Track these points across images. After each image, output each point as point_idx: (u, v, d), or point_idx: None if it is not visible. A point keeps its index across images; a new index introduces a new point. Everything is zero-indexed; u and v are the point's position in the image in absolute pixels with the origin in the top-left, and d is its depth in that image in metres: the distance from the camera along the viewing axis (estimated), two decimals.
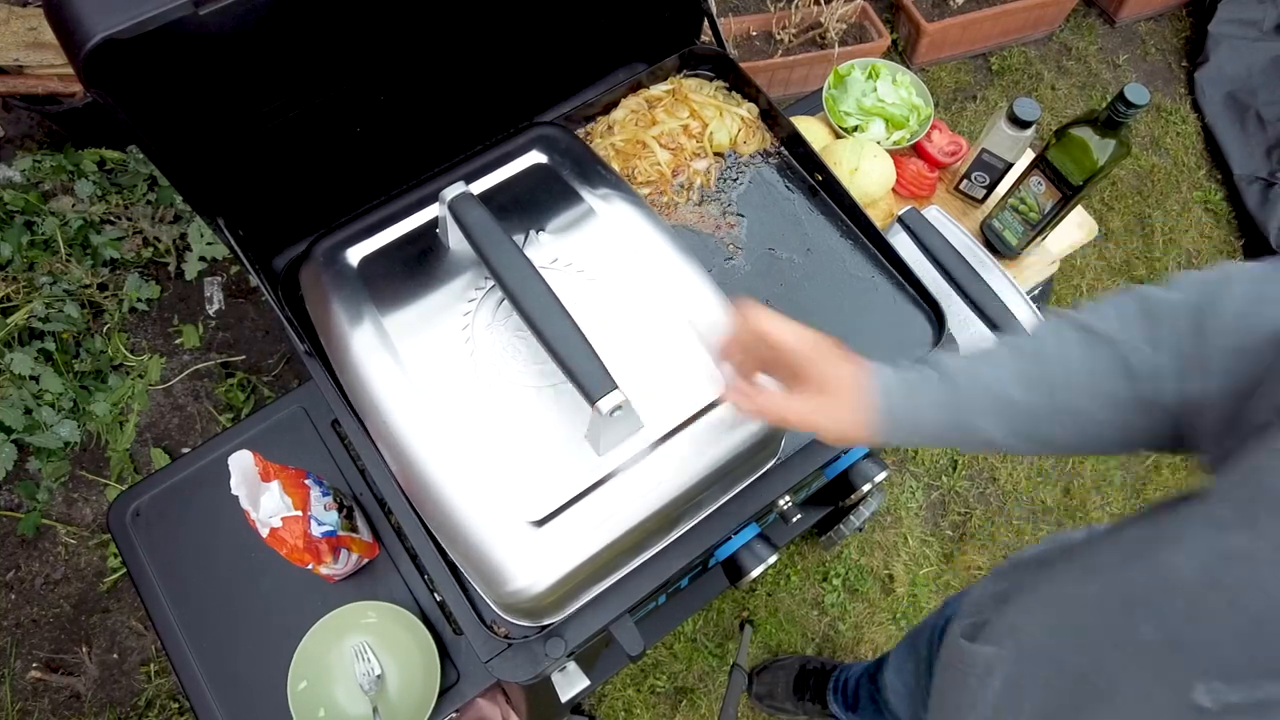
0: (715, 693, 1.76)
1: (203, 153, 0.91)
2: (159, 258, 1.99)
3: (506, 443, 0.89)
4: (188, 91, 0.84)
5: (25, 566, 1.74)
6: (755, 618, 1.83)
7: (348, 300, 0.97)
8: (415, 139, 1.11)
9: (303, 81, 0.93)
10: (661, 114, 1.26)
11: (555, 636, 0.95)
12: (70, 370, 1.85)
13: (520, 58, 1.11)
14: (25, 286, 1.87)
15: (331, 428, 1.19)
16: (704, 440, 0.91)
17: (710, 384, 0.93)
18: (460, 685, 1.08)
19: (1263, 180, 2.34)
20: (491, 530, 0.85)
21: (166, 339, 1.94)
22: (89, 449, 1.83)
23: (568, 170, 1.07)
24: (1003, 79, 2.51)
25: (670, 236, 1.03)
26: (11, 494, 1.79)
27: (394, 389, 0.91)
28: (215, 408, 1.89)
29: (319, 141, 1.01)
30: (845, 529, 1.77)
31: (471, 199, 0.92)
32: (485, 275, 0.97)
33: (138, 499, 1.15)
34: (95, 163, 2.01)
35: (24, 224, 1.93)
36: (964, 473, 2.00)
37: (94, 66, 0.72)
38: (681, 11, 1.27)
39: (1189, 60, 2.61)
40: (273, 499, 0.96)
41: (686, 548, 1.00)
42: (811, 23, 2.21)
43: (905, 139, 1.45)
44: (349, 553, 1.06)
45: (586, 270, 0.99)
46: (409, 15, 0.94)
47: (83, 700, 1.65)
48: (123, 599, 1.73)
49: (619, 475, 0.88)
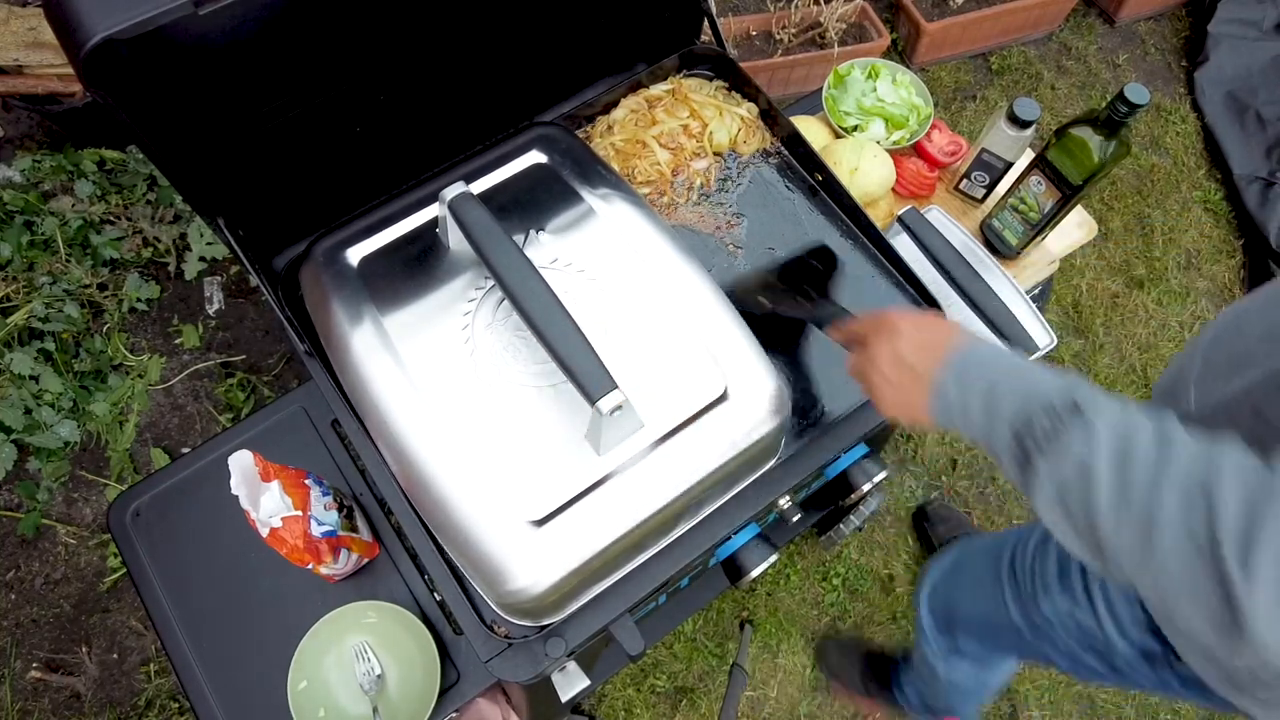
0: (715, 693, 1.76)
1: (203, 153, 0.91)
2: (159, 258, 1.99)
3: (506, 443, 0.89)
4: (188, 91, 0.84)
5: (25, 566, 1.74)
6: (755, 618, 1.83)
7: (348, 300, 0.97)
8: (415, 139, 1.11)
9: (302, 81, 0.93)
10: (661, 114, 1.26)
11: (555, 636, 0.95)
12: (70, 370, 1.85)
13: (520, 58, 1.11)
14: (25, 286, 1.87)
15: (331, 428, 1.19)
16: (704, 440, 0.91)
17: (710, 384, 0.93)
18: (460, 685, 1.08)
19: (1262, 180, 2.34)
20: (491, 530, 0.85)
21: (166, 339, 1.94)
22: (89, 449, 1.83)
23: (568, 170, 1.07)
24: (1003, 79, 2.51)
25: (670, 236, 1.03)
26: (11, 494, 1.79)
27: (394, 389, 0.91)
28: (215, 408, 1.89)
29: (319, 141, 1.01)
30: (845, 529, 1.77)
31: (471, 199, 0.92)
32: (485, 275, 0.97)
33: (138, 499, 1.15)
34: (95, 163, 2.00)
35: (24, 224, 1.93)
36: (964, 472, 2.00)
37: (94, 66, 0.72)
38: (681, 11, 1.27)
39: (1189, 60, 2.61)
40: (273, 499, 0.96)
41: (686, 548, 1.00)
42: (811, 23, 2.21)
43: (905, 139, 1.45)
44: (349, 553, 1.06)
45: (586, 270, 0.99)
46: (409, 15, 0.94)
47: (83, 700, 1.65)
48: (123, 599, 1.73)
49: (619, 475, 0.88)
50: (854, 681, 1.70)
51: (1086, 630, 0.96)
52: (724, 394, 0.93)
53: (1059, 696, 1.79)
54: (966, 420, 0.70)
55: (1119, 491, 0.55)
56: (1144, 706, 1.80)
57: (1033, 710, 1.78)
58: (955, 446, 2.02)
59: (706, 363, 0.94)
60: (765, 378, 0.95)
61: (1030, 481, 0.63)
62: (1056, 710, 1.79)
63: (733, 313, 0.99)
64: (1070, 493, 0.59)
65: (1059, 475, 0.60)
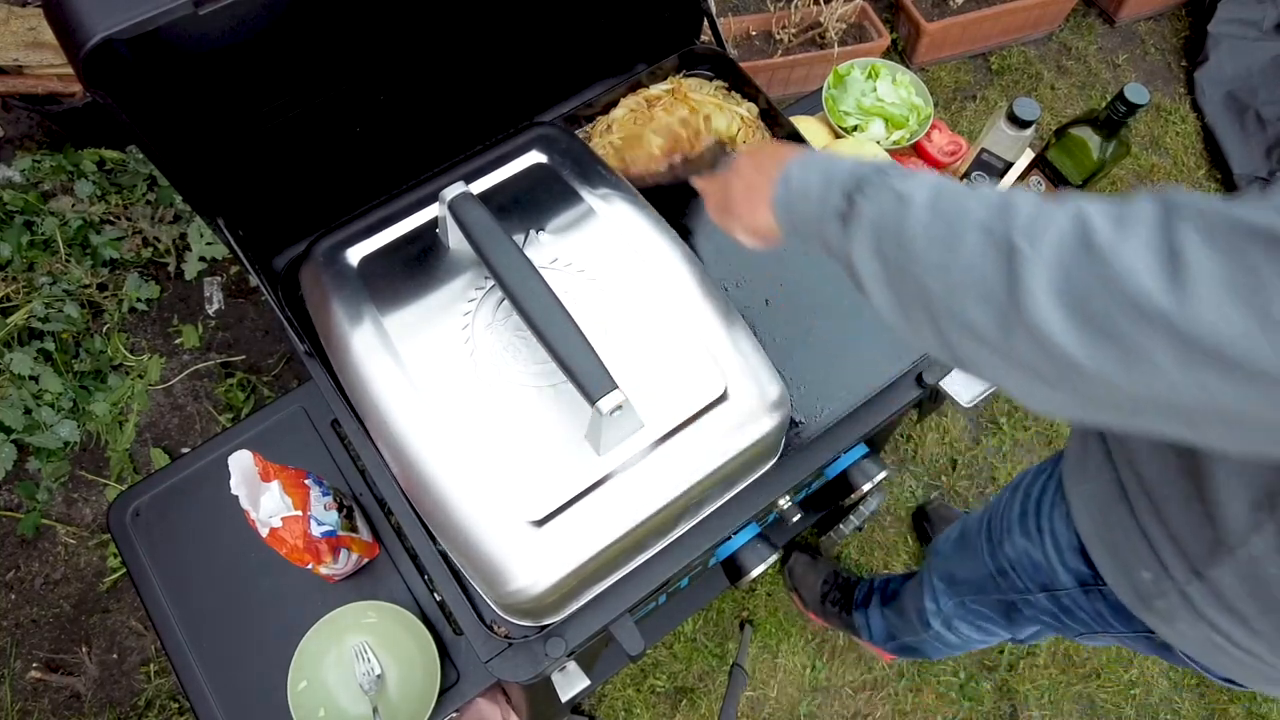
0: (715, 693, 1.76)
1: (203, 153, 0.91)
2: (159, 258, 1.99)
3: (506, 443, 0.89)
4: (188, 91, 0.84)
5: (25, 566, 1.74)
6: (755, 618, 1.83)
7: (348, 300, 0.97)
8: (415, 139, 1.11)
9: (302, 81, 0.93)
10: (660, 112, 1.26)
11: (555, 636, 0.95)
12: (70, 370, 1.85)
13: (520, 58, 1.11)
14: (25, 286, 1.87)
15: (331, 428, 1.19)
16: (704, 440, 0.91)
17: (710, 384, 0.93)
18: (460, 685, 1.08)
19: (1262, 180, 2.34)
20: (491, 530, 0.85)
21: (166, 339, 1.94)
22: (89, 449, 1.83)
23: (568, 170, 1.07)
24: (1002, 79, 2.51)
25: (670, 236, 1.03)
26: (11, 494, 1.79)
27: (394, 389, 0.91)
28: (215, 408, 1.89)
29: (319, 141, 1.01)
30: (845, 529, 1.77)
31: (471, 199, 0.92)
32: (485, 275, 0.97)
33: (138, 499, 1.15)
34: (95, 163, 2.00)
35: (24, 224, 1.93)
36: (964, 472, 2.00)
37: (94, 66, 0.72)
38: (681, 11, 1.27)
39: (1189, 60, 2.61)
40: (273, 499, 0.96)
41: (686, 548, 1.00)
42: (811, 22, 2.21)
43: (905, 139, 1.45)
44: (349, 553, 1.06)
45: (586, 270, 0.99)
46: (409, 15, 0.94)
47: (83, 700, 1.65)
48: (123, 599, 1.73)
49: (619, 475, 0.88)
50: (812, 599, 1.77)
51: (1039, 566, 1.02)
52: (724, 394, 0.93)
53: (1059, 696, 1.80)
54: (805, 199, 0.73)
55: (931, 208, 0.60)
56: (1144, 706, 1.80)
57: (1033, 710, 1.78)
58: (955, 447, 2.02)
59: (706, 363, 0.94)
60: (765, 378, 0.95)
61: (852, 233, 0.66)
62: (1056, 710, 1.79)
63: (733, 313, 0.99)
64: (886, 222, 0.63)
65: (878, 208, 0.64)
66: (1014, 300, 0.53)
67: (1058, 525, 0.99)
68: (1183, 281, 0.46)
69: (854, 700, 1.78)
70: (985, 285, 0.55)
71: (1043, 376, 0.55)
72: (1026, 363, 0.55)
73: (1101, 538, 0.91)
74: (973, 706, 1.78)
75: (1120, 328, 0.49)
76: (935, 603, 1.30)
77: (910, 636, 1.45)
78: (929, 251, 0.60)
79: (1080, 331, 0.50)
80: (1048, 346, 0.52)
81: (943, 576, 1.26)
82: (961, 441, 2.03)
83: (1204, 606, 0.80)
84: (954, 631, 1.31)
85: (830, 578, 1.77)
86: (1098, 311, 0.50)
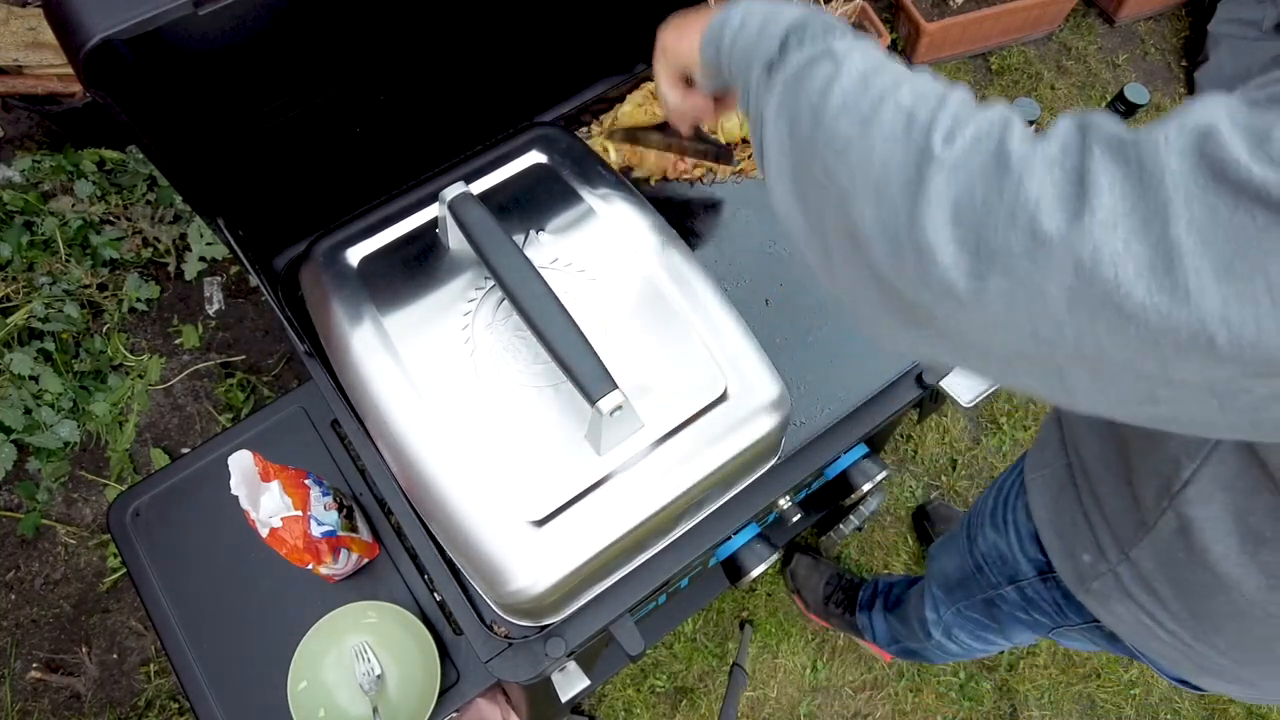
0: (715, 693, 1.76)
1: (203, 153, 0.91)
2: (159, 258, 1.99)
3: (506, 443, 0.89)
4: (188, 91, 0.84)
5: (25, 566, 1.74)
6: (755, 618, 1.83)
7: (348, 300, 0.97)
8: (415, 139, 1.11)
9: (302, 82, 0.93)
10: None
11: (555, 636, 0.95)
12: (70, 370, 1.85)
13: (520, 58, 1.11)
14: (25, 286, 1.87)
15: (331, 428, 1.19)
16: (704, 440, 0.91)
17: (710, 384, 0.93)
18: (460, 685, 1.08)
19: None
20: (491, 530, 0.85)
21: (166, 339, 1.94)
22: (89, 449, 1.83)
23: (568, 170, 1.07)
24: (1003, 79, 2.51)
25: (671, 236, 1.03)
26: (11, 494, 1.79)
27: (394, 389, 0.91)
28: (215, 408, 1.89)
29: (319, 141, 1.01)
30: (845, 529, 1.77)
31: (471, 199, 0.92)
32: (485, 275, 0.97)
33: (138, 499, 1.15)
34: (95, 163, 2.00)
35: (24, 224, 1.93)
36: (964, 472, 2.00)
37: (94, 66, 0.72)
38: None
39: (1188, 60, 2.61)
40: (273, 499, 0.96)
41: (686, 548, 1.00)
42: None
43: None
44: (349, 553, 1.06)
45: (586, 270, 0.99)
46: (409, 15, 0.94)
47: (83, 700, 1.65)
48: (123, 599, 1.73)
49: (619, 475, 0.88)
50: (815, 601, 1.77)
51: (1005, 559, 1.03)
52: (724, 394, 0.93)
53: (1059, 696, 1.80)
54: (740, 32, 0.65)
55: (862, 77, 0.53)
56: (1144, 706, 1.80)
57: (1033, 710, 1.78)
58: (955, 447, 2.02)
59: (706, 363, 0.94)
60: (765, 378, 0.95)
61: (773, 84, 0.59)
62: (1056, 710, 1.79)
63: (733, 313, 0.99)
64: (810, 81, 0.55)
65: (807, 62, 0.57)
66: (909, 209, 0.47)
67: (1019, 516, 1.00)
68: (1090, 208, 0.42)
69: (854, 700, 1.78)
70: (884, 182, 0.49)
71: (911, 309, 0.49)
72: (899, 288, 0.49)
73: (1052, 522, 0.92)
74: (973, 706, 1.78)
75: (1013, 253, 0.44)
76: (935, 612, 1.30)
77: (913, 643, 1.45)
78: (839, 121, 0.52)
79: (972, 258, 0.45)
80: (930, 271, 0.46)
81: (940, 583, 1.26)
82: (961, 441, 2.03)
83: (1131, 586, 0.81)
84: (955, 641, 1.31)
85: (833, 579, 1.77)
86: (992, 233, 0.44)
